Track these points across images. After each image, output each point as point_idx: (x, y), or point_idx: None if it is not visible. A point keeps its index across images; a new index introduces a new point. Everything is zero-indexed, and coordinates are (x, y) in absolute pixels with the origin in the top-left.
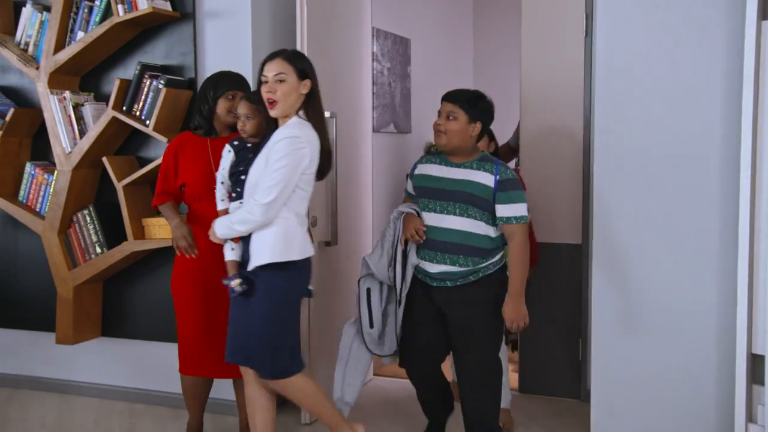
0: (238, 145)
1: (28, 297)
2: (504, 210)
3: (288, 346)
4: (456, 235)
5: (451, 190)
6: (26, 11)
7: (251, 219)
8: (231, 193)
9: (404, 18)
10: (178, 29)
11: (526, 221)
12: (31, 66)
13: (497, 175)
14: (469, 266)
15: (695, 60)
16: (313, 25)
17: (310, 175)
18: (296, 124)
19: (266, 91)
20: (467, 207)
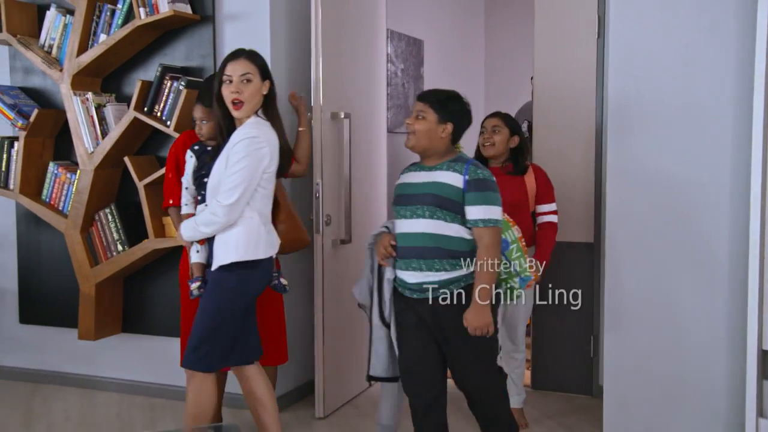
0: (198, 149)
1: (51, 294)
2: (471, 212)
3: (216, 344)
4: (428, 239)
5: (419, 193)
6: (50, 14)
7: (215, 220)
8: (197, 197)
9: (417, 20)
10: (198, 32)
11: (495, 224)
12: (55, 68)
13: (466, 175)
14: (446, 269)
15: (706, 62)
16: (328, 27)
17: (270, 174)
18: (254, 124)
19: (232, 91)
20: (435, 209)
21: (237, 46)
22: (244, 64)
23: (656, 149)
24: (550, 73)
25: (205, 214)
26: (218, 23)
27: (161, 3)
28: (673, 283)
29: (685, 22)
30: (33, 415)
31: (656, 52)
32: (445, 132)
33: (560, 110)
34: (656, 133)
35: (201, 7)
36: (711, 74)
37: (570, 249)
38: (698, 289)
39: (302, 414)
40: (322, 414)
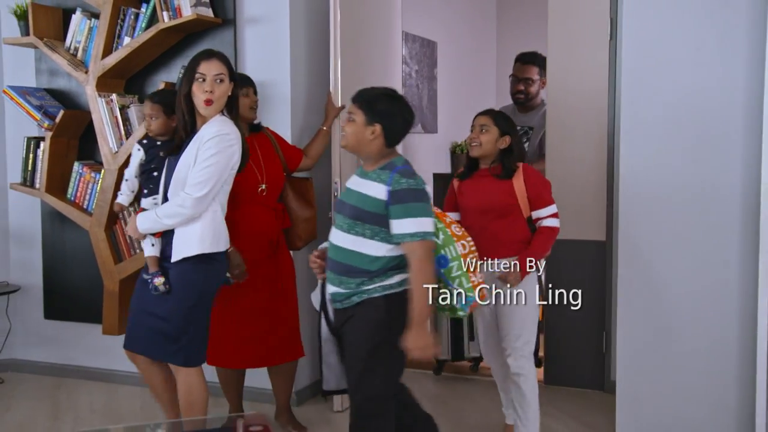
0: (147, 143)
1: (76, 290)
2: (396, 226)
3: (199, 337)
4: (341, 254)
5: (345, 202)
6: (76, 18)
7: (182, 212)
8: (134, 190)
9: (431, 22)
10: (220, 34)
11: (425, 238)
12: (80, 70)
13: (389, 185)
14: (351, 288)
15: (718, 63)
16: (346, 30)
17: (234, 171)
18: (223, 122)
19: (206, 90)
20: (353, 223)
21: (257, 49)
22: (217, 64)
23: (668, 149)
24: (563, 74)
25: (171, 206)
26: (239, 26)
27: (184, 7)
28: (684, 280)
29: (697, 25)
30: (59, 408)
31: (668, 54)
32: (374, 134)
33: (573, 110)
34: (668, 132)
35: (222, 11)
36: (722, 76)
37: (582, 247)
38: (709, 286)
39: (321, 408)
40: (340, 408)
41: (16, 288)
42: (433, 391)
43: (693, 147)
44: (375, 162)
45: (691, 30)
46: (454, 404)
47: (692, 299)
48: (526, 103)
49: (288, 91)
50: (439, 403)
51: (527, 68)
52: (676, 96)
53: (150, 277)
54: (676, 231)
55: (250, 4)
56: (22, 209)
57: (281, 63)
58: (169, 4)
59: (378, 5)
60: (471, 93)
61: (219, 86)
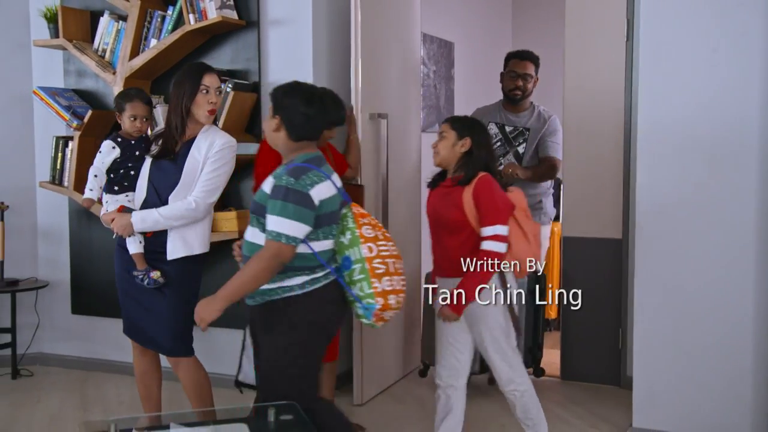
0: (122, 142)
1: (102, 286)
2: (267, 221)
3: (191, 328)
4: (247, 246)
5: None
6: (103, 21)
7: (193, 215)
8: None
9: (448, 23)
10: (244, 36)
11: (277, 239)
12: (108, 71)
13: (274, 179)
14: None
15: (733, 64)
16: (367, 32)
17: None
18: (223, 133)
19: (211, 101)
20: (254, 217)
21: (281, 50)
22: (216, 78)
23: (684, 148)
24: (580, 74)
25: (179, 209)
26: (263, 28)
27: (209, 9)
28: (700, 277)
29: (713, 26)
30: (88, 400)
31: (684, 55)
32: (279, 129)
33: (590, 110)
34: (684, 132)
35: (246, 13)
36: (738, 76)
37: (599, 244)
38: (724, 283)
39: (341, 401)
40: (360, 401)
41: (44, 284)
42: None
43: (709, 146)
44: (286, 157)
45: (707, 31)
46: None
47: (708, 296)
48: (520, 101)
49: None
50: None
51: (525, 64)
52: (692, 97)
53: (141, 274)
54: (691, 229)
55: (274, 6)
56: (50, 207)
57: (304, 63)
58: (195, 7)
59: (398, 7)
60: (486, 93)
61: (219, 97)
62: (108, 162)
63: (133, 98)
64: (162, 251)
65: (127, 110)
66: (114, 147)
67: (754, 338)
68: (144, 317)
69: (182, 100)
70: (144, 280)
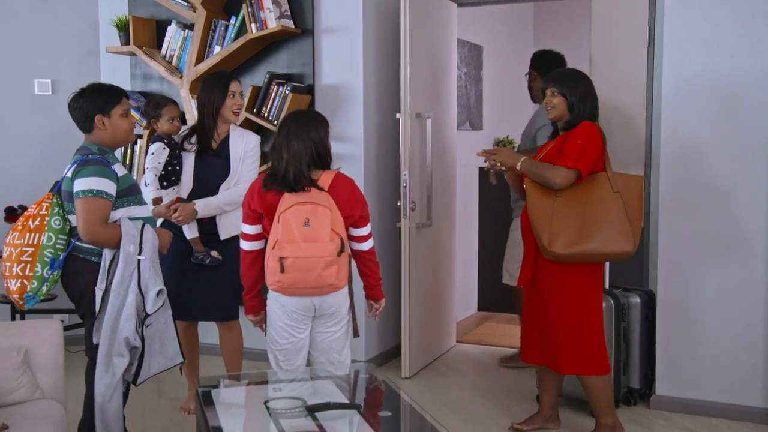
0: (168, 143)
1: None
2: None
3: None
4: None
5: None
6: (171, 29)
7: (242, 200)
8: (162, 182)
9: (478, 28)
10: (299, 43)
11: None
12: (176, 75)
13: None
14: None
15: (750, 70)
16: (414, 39)
17: None
18: (249, 131)
19: (237, 103)
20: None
21: (333, 56)
22: (238, 84)
23: (705, 151)
24: (605, 78)
25: (234, 195)
26: (317, 36)
27: (270, 19)
28: (717, 267)
29: (731, 35)
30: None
31: (704, 60)
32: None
33: (613, 112)
34: (702, 135)
35: (302, 22)
36: (754, 82)
37: None
38: (738, 271)
39: (390, 374)
40: (408, 374)
41: None
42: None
43: (728, 148)
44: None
45: (725, 39)
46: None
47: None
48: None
49: (360, 93)
50: None
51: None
52: (712, 101)
53: (202, 254)
54: (708, 224)
55: (327, 15)
56: None
57: (354, 68)
58: (257, 17)
59: (438, 15)
60: (511, 93)
61: (242, 100)
62: (163, 162)
63: (168, 103)
64: (213, 233)
65: (164, 115)
66: (164, 148)
67: (766, 312)
68: (205, 293)
69: (213, 103)
70: (206, 259)
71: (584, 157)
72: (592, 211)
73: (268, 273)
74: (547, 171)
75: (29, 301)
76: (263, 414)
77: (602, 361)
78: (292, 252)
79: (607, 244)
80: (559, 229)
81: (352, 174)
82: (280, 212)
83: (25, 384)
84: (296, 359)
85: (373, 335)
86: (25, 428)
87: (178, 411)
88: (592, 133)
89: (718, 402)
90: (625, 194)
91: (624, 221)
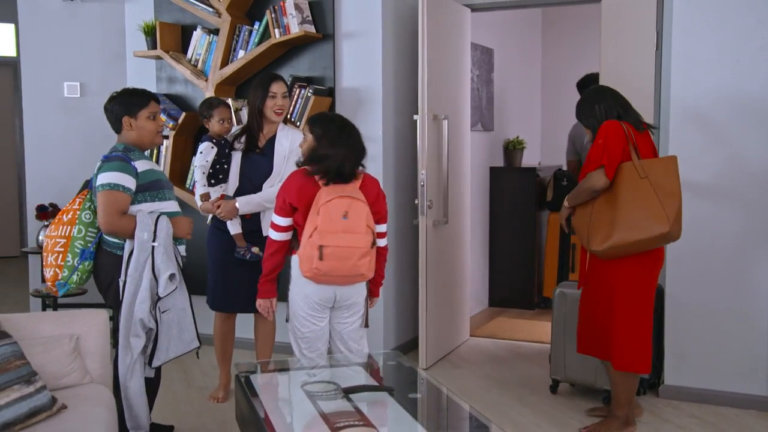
0: (216, 142)
1: (188, 267)
2: None
3: None
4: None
5: None
6: (196, 34)
7: None
8: (210, 179)
9: (489, 31)
10: (320, 47)
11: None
12: (201, 79)
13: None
14: None
15: (754, 74)
16: (431, 44)
17: None
18: (296, 129)
19: (278, 104)
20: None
21: (353, 59)
22: (283, 85)
23: (712, 149)
24: (614, 80)
25: (274, 194)
26: (337, 40)
27: (292, 25)
28: (723, 259)
29: (736, 41)
30: (185, 367)
31: (710, 64)
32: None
33: None
34: (710, 134)
35: (323, 27)
36: (758, 84)
37: None
38: (744, 263)
39: None
40: (425, 365)
41: None
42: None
43: (734, 147)
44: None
45: (731, 44)
46: None
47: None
48: None
49: (380, 95)
50: None
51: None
52: (718, 104)
53: (243, 250)
54: (717, 221)
55: (347, 20)
56: None
57: (374, 71)
58: (280, 22)
59: (454, 19)
60: (520, 95)
61: (286, 101)
62: (210, 160)
63: (219, 105)
64: (257, 230)
65: (215, 115)
66: (212, 147)
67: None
68: (245, 286)
69: (256, 104)
70: (246, 255)
71: (607, 153)
72: (622, 203)
73: (304, 260)
74: (583, 185)
75: (61, 288)
76: (302, 396)
77: (645, 359)
78: (332, 241)
79: (640, 231)
80: (594, 228)
81: (372, 173)
82: (321, 204)
83: (77, 369)
84: (317, 346)
85: (390, 328)
86: (80, 408)
87: (208, 399)
88: (611, 129)
89: (724, 391)
90: (655, 178)
91: (655, 205)
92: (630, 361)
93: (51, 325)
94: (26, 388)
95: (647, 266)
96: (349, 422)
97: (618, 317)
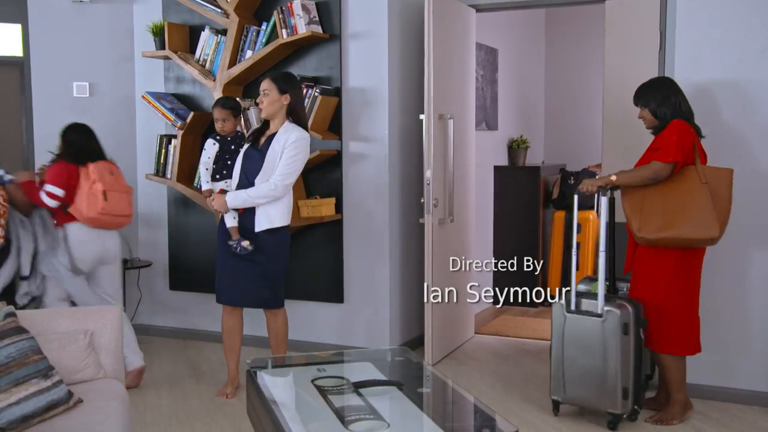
0: (220, 139)
1: (196, 264)
2: None
3: (283, 285)
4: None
5: None
6: (204, 35)
7: (273, 194)
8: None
9: (493, 31)
10: (327, 47)
11: None
12: (209, 78)
13: None
14: None
15: (756, 74)
16: (437, 44)
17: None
18: (298, 128)
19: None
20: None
21: (360, 59)
22: (265, 82)
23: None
24: (619, 80)
25: (263, 189)
26: (344, 41)
27: (300, 25)
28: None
29: (739, 41)
30: (193, 363)
31: (714, 64)
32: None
33: (627, 111)
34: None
35: (330, 27)
36: (761, 83)
37: None
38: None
39: None
40: (431, 362)
41: (148, 263)
42: None
43: (736, 148)
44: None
45: (734, 45)
46: None
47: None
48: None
49: (386, 94)
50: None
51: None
52: (721, 104)
53: (235, 243)
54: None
55: (354, 21)
56: (150, 196)
57: (380, 71)
58: (287, 23)
59: (459, 20)
60: (524, 94)
61: (265, 97)
62: (212, 156)
63: (215, 106)
64: (248, 226)
65: (214, 116)
66: (214, 143)
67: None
68: (243, 278)
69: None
70: (237, 248)
71: (680, 149)
72: (680, 200)
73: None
74: (645, 172)
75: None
76: (313, 391)
77: (693, 341)
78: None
79: (694, 231)
80: (648, 216)
81: (378, 172)
82: None
83: (91, 364)
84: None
85: (396, 325)
86: (96, 403)
87: (216, 395)
88: (684, 129)
89: (729, 387)
90: (713, 186)
91: (710, 210)
92: (682, 343)
93: (66, 321)
94: (44, 382)
95: (695, 257)
96: (360, 416)
97: (667, 303)
